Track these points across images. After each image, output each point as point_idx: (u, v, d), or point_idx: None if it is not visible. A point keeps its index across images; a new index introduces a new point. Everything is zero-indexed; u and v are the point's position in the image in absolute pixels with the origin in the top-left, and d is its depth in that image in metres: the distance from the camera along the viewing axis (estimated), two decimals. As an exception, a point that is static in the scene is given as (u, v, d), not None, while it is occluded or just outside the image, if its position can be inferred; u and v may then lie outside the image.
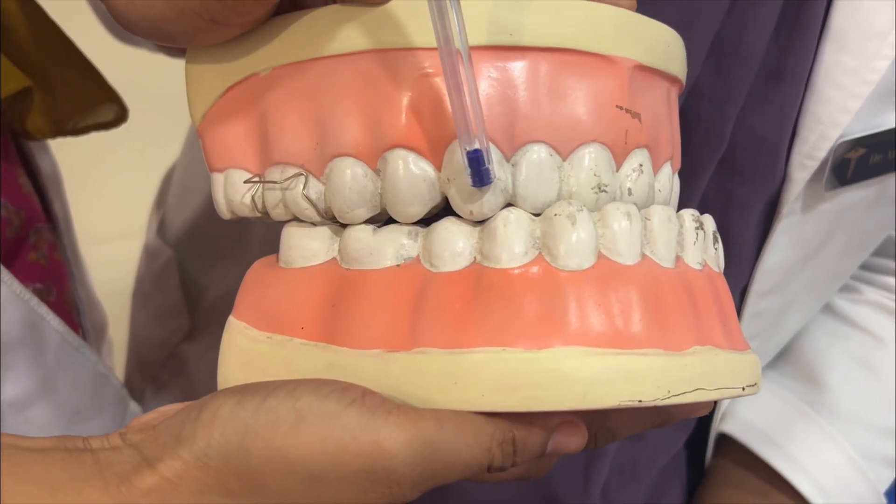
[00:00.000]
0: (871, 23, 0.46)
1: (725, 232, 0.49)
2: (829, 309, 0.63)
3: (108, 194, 1.18)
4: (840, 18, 0.46)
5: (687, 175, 0.47)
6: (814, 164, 0.48)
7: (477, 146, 0.29)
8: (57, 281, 0.51)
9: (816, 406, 0.60)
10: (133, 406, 0.52)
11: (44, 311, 0.45)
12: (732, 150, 0.49)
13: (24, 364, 0.44)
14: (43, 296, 0.47)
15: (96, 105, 0.52)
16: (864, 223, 0.54)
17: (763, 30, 0.46)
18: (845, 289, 0.63)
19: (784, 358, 0.64)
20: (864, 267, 0.62)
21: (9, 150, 0.49)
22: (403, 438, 0.27)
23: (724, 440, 0.63)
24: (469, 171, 0.29)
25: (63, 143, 0.54)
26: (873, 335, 0.61)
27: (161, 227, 0.71)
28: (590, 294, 0.29)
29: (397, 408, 0.28)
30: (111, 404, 0.50)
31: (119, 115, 0.53)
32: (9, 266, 0.46)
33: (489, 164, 0.29)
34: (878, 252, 0.61)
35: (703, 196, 0.50)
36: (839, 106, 0.47)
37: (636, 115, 0.32)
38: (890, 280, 0.63)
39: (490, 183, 0.30)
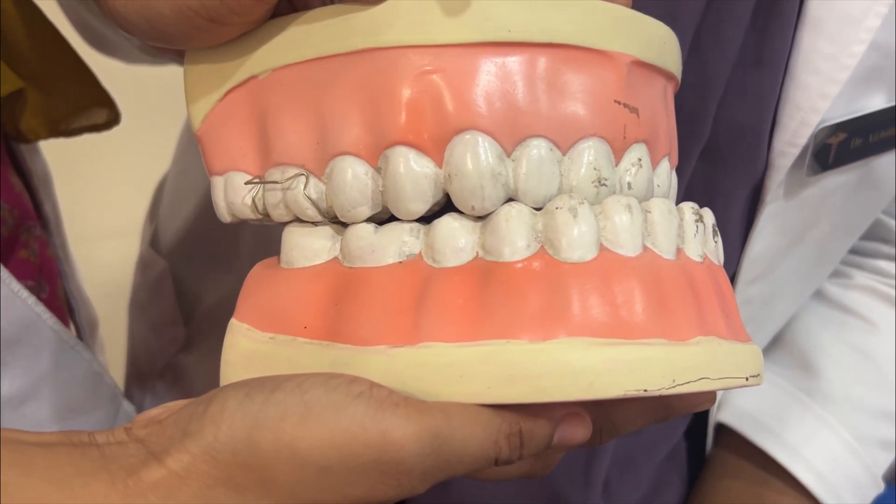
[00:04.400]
0: (846, 7, 0.46)
1: None
2: (820, 295, 0.64)
3: (101, 193, 1.18)
4: (816, 4, 0.46)
5: None
6: (795, 151, 0.49)
7: None
8: (49, 278, 0.51)
9: (811, 392, 0.61)
10: (126, 405, 0.52)
11: (41, 309, 0.45)
12: (714, 139, 0.49)
13: (20, 362, 0.44)
14: (35, 293, 0.47)
15: (90, 107, 0.52)
16: (847, 207, 0.54)
17: (740, 19, 0.46)
18: (836, 274, 0.64)
19: (778, 346, 0.64)
20: (854, 251, 0.63)
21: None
22: (412, 430, 0.27)
23: (722, 430, 0.63)
24: None
25: (56, 140, 0.54)
26: (865, 319, 0.62)
27: (154, 238, 0.71)
28: (593, 285, 0.30)
29: (405, 400, 0.28)
30: (105, 402, 0.50)
31: (111, 117, 0.53)
32: (3, 264, 0.45)
33: None
34: (867, 236, 0.62)
35: (688, 186, 0.50)
36: (818, 92, 0.47)
37: (634, 110, 0.33)
38: (879, 263, 0.63)
39: None
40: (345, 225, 0.33)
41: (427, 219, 0.32)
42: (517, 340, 0.29)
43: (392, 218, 0.33)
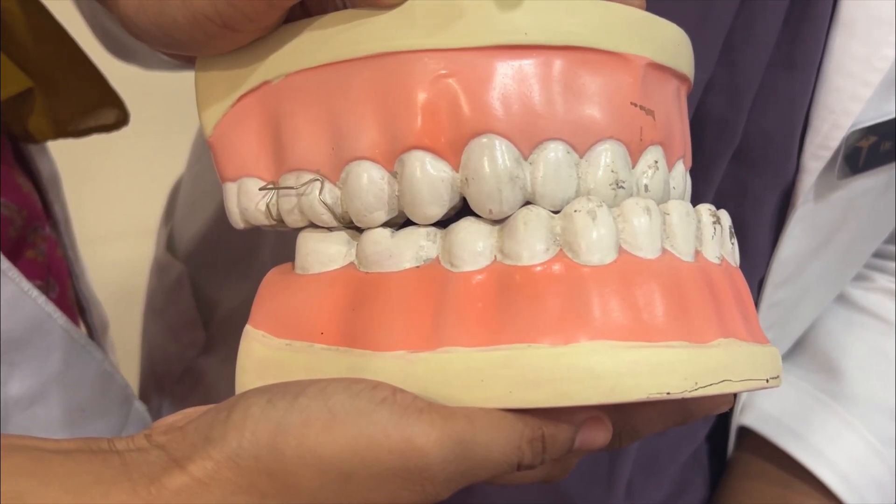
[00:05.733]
0: (879, 9, 0.46)
1: (741, 224, 0.49)
2: (842, 298, 0.64)
3: (110, 194, 1.17)
4: (849, 7, 0.46)
5: (702, 170, 0.47)
6: (827, 154, 0.48)
7: None
8: (58, 278, 0.51)
9: (834, 395, 0.61)
10: (138, 405, 0.52)
11: (51, 308, 0.44)
12: (745, 142, 0.49)
13: (30, 361, 0.44)
14: (44, 293, 0.47)
15: (98, 108, 0.52)
16: (874, 210, 0.54)
17: (772, 21, 0.46)
18: (857, 277, 0.64)
19: (800, 349, 0.64)
20: (875, 254, 0.63)
21: (6, 151, 0.49)
22: (436, 436, 0.27)
23: (745, 432, 0.63)
24: None
25: (65, 141, 0.53)
26: (886, 321, 0.62)
27: (170, 241, 0.71)
28: (613, 288, 0.29)
29: (429, 406, 0.28)
30: (116, 403, 0.49)
31: (120, 118, 0.53)
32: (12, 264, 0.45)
33: None
34: (888, 239, 0.62)
35: (718, 190, 0.50)
36: (850, 94, 0.47)
37: (650, 112, 0.33)
38: None
39: None
40: (360, 230, 0.33)
41: (443, 223, 0.32)
42: (538, 344, 0.29)
43: (408, 222, 0.32)
